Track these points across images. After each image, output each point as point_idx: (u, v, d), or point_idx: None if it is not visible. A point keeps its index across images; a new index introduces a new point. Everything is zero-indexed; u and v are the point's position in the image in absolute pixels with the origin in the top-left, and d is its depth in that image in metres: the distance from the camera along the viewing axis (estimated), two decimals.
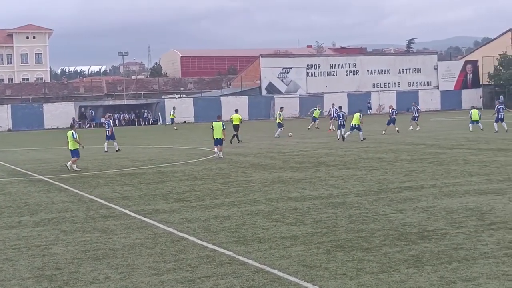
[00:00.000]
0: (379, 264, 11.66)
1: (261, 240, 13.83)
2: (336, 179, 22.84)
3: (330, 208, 17.16)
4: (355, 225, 14.99)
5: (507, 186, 19.91)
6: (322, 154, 31.64)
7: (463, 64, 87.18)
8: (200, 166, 28.32)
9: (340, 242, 13.41)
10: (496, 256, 11.90)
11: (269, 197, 19.33)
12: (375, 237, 13.73)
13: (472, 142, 35.78)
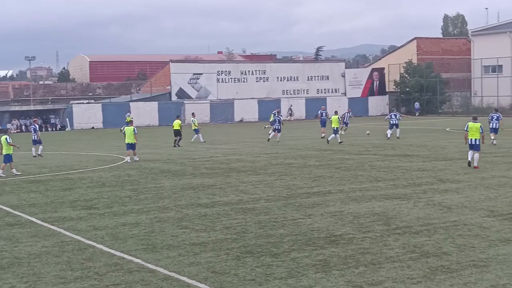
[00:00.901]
0: (287, 269, 11.76)
1: (170, 247, 13.75)
2: (246, 185, 22.93)
3: (240, 214, 17.22)
4: (264, 230, 15.09)
5: (412, 191, 20.43)
6: (233, 160, 31.72)
7: (370, 71, 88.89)
8: (109, 173, 27.94)
9: (249, 248, 13.46)
10: (401, 260, 12.18)
11: (179, 204, 19.24)
12: (284, 242, 13.85)
13: (378, 148, 36.55)
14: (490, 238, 13.73)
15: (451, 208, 17.32)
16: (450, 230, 14.60)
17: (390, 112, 46.13)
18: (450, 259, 12.13)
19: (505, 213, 16.42)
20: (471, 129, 26.25)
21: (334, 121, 41.15)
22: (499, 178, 22.80)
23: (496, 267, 11.55)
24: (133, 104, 75.22)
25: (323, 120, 47.01)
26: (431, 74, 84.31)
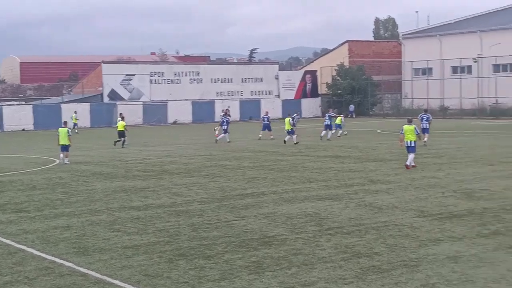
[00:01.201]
0: (220, 271, 11.75)
1: (102, 250, 13.59)
2: (179, 187, 22.83)
3: (173, 217, 17.13)
4: (198, 233, 15.05)
5: (343, 191, 20.66)
6: (166, 162, 31.54)
7: (303, 74, 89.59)
8: (40, 175, 27.44)
9: (182, 250, 13.41)
10: (333, 260, 12.30)
11: (111, 207, 19.03)
12: (218, 244, 13.84)
13: (311, 149, 36.86)
14: (420, 238, 13.98)
15: (382, 208, 17.58)
16: (381, 230, 14.82)
17: (327, 113, 46.66)
18: (381, 259, 12.31)
19: (434, 213, 16.75)
20: (407, 131, 26.79)
21: (286, 123, 41.76)
22: (429, 179, 23.25)
23: (426, 266, 11.76)
24: (64, 105, 74.06)
25: (265, 125, 46.93)
26: (362, 77, 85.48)
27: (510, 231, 14.36)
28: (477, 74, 77.55)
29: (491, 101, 74.91)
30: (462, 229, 14.75)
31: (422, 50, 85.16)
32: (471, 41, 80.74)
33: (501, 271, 11.31)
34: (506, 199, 18.62)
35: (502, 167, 26.19)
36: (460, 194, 19.75)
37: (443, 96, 79.21)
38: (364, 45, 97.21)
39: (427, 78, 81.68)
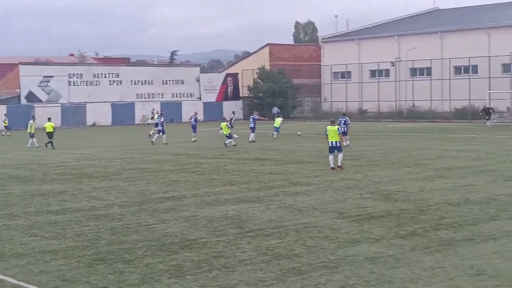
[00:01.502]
0: (140, 276, 11.65)
1: (19, 255, 13.29)
2: (98, 190, 22.52)
3: (92, 221, 16.89)
4: (117, 237, 14.88)
5: (264, 194, 20.77)
6: (85, 165, 31.07)
7: (224, 76, 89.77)
8: None
9: (101, 255, 13.23)
10: (254, 263, 12.35)
11: (28, 211, 18.62)
12: (137, 248, 13.72)
13: (232, 152, 36.93)
14: (339, 239, 14.18)
15: (302, 210, 17.75)
16: (301, 232, 14.96)
17: (251, 116, 47.17)
18: (301, 261, 12.42)
19: (353, 214, 17.00)
20: (330, 132, 27.39)
21: (224, 127, 42.01)
22: (348, 180, 23.60)
23: (345, 267, 11.93)
24: None
25: (193, 125, 47.09)
26: (283, 80, 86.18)
27: (426, 232, 14.71)
28: (394, 78, 79.20)
29: (408, 104, 76.61)
30: (380, 230, 15.03)
31: (341, 54, 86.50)
32: (389, 45, 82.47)
33: (418, 271, 11.57)
34: (422, 200, 19.06)
35: (418, 169, 26.81)
36: (377, 195, 20.12)
37: (362, 99, 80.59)
38: (284, 49, 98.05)
39: (346, 82, 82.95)
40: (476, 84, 69.29)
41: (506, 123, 64.02)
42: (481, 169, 26.34)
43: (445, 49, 77.21)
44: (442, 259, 12.35)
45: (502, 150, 34.19)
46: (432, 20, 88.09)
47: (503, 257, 12.42)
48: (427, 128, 58.23)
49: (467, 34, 76.68)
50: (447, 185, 22.02)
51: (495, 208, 17.45)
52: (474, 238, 14.06)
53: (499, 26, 75.03)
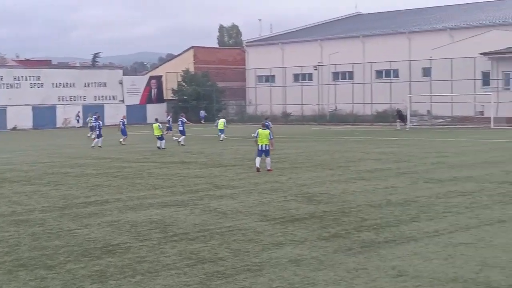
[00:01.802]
0: (63, 281, 11.46)
1: None
2: (19, 195, 22.04)
3: (13, 226, 16.51)
4: (39, 242, 14.59)
5: (189, 198, 20.70)
6: (5, 170, 30.37)
7: (148, 79, 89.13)
8: None
9: (22, 261, 12.96)
10: (178, 267, 12.29)
11: None
12: (60, 254, 13.48)
13: (157, 155, 36.69)
14: (264, 242, 14.24)
15: (227, 213, 17.76)
16: (226, 235, 14.96)
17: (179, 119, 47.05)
18: (225, 264, 12.43)
19: (277, 217, 17.10)
20: (261, 135, 27.63)
21: (155, 129, 41.57)
22: (272, 183, 23.74)
23: (269, 270, 11.98)
24: None
25: (122, 129, 46.70)
26: (207, 83, 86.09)
27: (349, 234, 14.91)
28: (317, 82, 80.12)
29: (331, 108, 77.59)
30: (304, 232, 15.16)
31: (265, 57, 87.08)
32: (312, 49, 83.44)
33: (341, 273, 11.72)
34: (344, 202, 19.32)
35: (340, 171, 27.18)
36: (301, 198, 20.30)
37: (286, 103, 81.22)
38: (209, 52, 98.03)
39: (270, 85, 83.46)
40: (397, 88, 70.71)
41: (426, 126, 65.54)
42: (401, 171, 26.88)
43: (366, 53, 78.59)
44: (364, 261, 12.55)
45: (422, 153, 34.97)
46: (354, 25, 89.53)
47: (424, 257, 12.69)
48: (349, 131, 59.09)
49: (388, 39, 78.26)
50: (368, 187, 22.38)
51: (416, 210, 17.83)
52: (396, 239, 14.33)
53: (419, 31, 76.81)
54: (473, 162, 29.79)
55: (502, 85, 67.45)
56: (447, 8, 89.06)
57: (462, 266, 12.05)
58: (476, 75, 66.13)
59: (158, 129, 41.47)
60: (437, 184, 22.73)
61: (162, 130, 41.97)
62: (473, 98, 65.76)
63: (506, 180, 23.37)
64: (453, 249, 13.29)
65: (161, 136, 41.37)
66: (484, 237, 14.36)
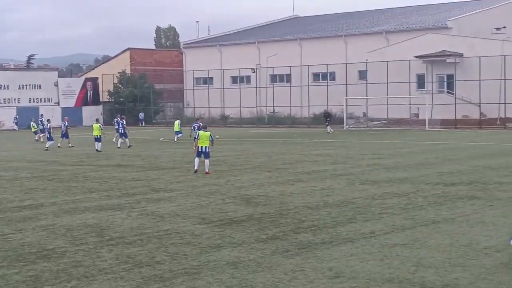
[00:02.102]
0: None
1: None
2: None
3: None
4: None
5: (125, 201, 20.49)
6: None
7: (83, 81, 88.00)
8: None
9: None
10: (114, 271, 12.14)
11: None
12: None
13: (93, 158, 36.24)
14: (202, 245, 14.18)
15: (164, 217, 17.63)
16: (163, 239, 14.85)
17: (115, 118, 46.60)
18: (163, 268, 12.33)
19: (215, 220, 17.06)
20: (202, 137, 27.68)
21: (96, 129, 41.08)
22: (210, 186, 23.68)
23: (207, 273, 11.93)
24: None
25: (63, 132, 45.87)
26: (144, 85, 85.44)
27: (286, 236, 14.96)
28: (255, 84, 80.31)
29: (269, 110, 77.88)
30: (242, 234, 15.15)
31: (203, 59, 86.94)
32: (250, 51, 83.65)
33: (278, 275, 11.74)
34: (282, 204, 19.39)
35: (278, 173, 27.29)
36: (239, 200, 20.30)
37: (224, 105, 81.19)
38: (146, 53, 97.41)
39: (208, 87, 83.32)
40: (333, 91, 71.38)
41: (362, 128, 66.36)
42: (338, 172, 27.14)
43: (304, 56, 79.19)
44: (302, 262, 12.60)
45: (359, 154, 35.37)
46: (291, 28, 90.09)
47: (360, 258, 12.82)
48: (287, 133, 59.40)
49: (325, 41, 79.00)
50: (306, 188, 22.53)
51: (352, 211, 18.01)
52: (333, 240, 14.44)
53: (356, 34, 77.77)
54: (408, 163, 30.26)
55: (437, 87, 68.77)
56: (383, 12, 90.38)
57: (398, 266, 12.21)
58: (411, 78, 67.22)
59: (98, 130, 40.94)
60: (373, 186, 23.02)
61: (102, 131, 41.47)
62: (408, 101, 66.86)
63: (440, 182, 23.80)
64: (389, 250, 13.46)
65: (99, 137, 40.87)
66: (419, 237, 14.59)
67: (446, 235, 14.82)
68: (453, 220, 16.52)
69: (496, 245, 13.73)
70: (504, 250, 13.27)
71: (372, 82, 69.14)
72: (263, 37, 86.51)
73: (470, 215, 17.18)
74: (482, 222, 16.20)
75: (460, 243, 13.96)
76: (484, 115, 63.67)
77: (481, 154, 34.30)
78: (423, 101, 63.69)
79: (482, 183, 23.26)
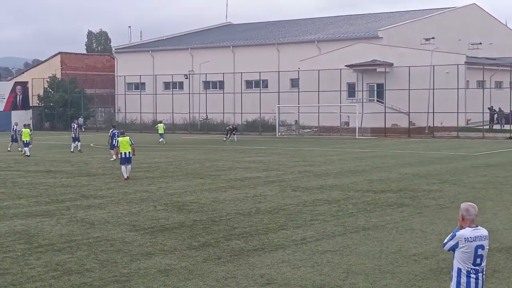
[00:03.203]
0: None
1: None
2: None
3: None
4: None
5: (55, 207, 20.15)
6: None
7: (13, 85, 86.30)
8: None
9: None
10: (43, 279, 11.92)
11: None
12: None
13: (21, 164, 35.52)
14: (132, 252, 14.04)
15: (94, 223, 17.40)
16: (93, 246, 14.65)
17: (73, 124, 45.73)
18: (93, 276, 12.16)
19: (146, 227, 16.93)
20: (122, 143, 27.61)
21: (25, 134, 40.79)
22: (142, 192, 23.48)
23: (137, 281, 11.82)
24: None
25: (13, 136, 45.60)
26: (75, 90, 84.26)
27: (219, 242, 14.95)
28: (188, 90, 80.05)
29: (202, 117, 77.73)
30: (173, 242, 15.07)
31: (135, 65, 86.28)
32: (183, 57, 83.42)
33: (210, 282, 11.71)
34: (214, 211, 19.37)
35: (211, 180, 27.25)
36: (171, 207, 20.19)
37: (156, 111, 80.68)
38: (77, 58, 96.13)
39: (140, 93, 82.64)
40: (266, 98, 71.72)
41: (294, 135, 66.85)
42: (270, 179, 27.26)
43: (237, 63, 79.36)
44: (233, 269, 12.60)
45: (290, 161, 35.60)
46: (224, 35, 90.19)
47: (291, 265, 12.89)
48: (219, 140, 59.34)
49: (258, 49, 79.33)
50: (238, 195, 22.56)
51: (284, 218, 18.11)
52: (264, 247, 14.49)
53: (288, 42, 78.35)
54: (339, 171, 30.61)
55: (367, 96, 69.75)
56: (315, 21, 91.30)
57: (328, 273, 12.33)
58: (342, 86, 68.05)
59: (28, 135, 40.53)
60: (304, 193, 23.20)
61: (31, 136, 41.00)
62: (339, 109, 67.65)
63: (370, 189, 24.14)
64: (320, 257, 13.57)
65: (29, 142, 40.29)
66: (349, 244, 14.76)
67: (376, 242, 15.04)
68: (382, 227, 16.78)
69: (425, 252, 14.00)
70: (432, 257, 13.54)
71: (304, 90, 69.70)
72: (196, 43, 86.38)
73: (399, 222, 17.47)
74: (411, 229, 16.50)
75: (389, 250, 14.18)
76: (413, 123, 64.92)
77: (410, 162, 34.93)
78: (353, 110, 64.55)
79: (411, 190, 23.69)
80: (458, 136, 59.71)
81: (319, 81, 67.69)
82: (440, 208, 19.83)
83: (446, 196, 22.21)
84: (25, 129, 41.66)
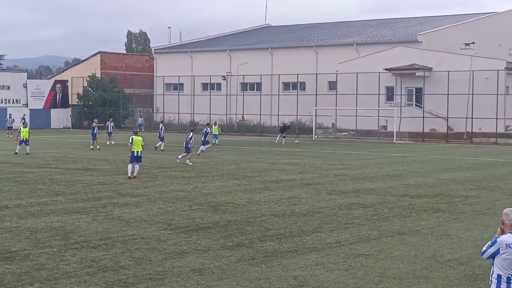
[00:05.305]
0: None
1: None
2: None
3: None
4: None
5: (91, 205, 20.35)
6: None
7: (53, 83, 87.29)
8: None
9: None
10: (78, 275, 12.05)
11: None
12: None
13: (60, 161, 35.93)
14: (167, 251, 14.13)
15: (130, 221, 17.54)
16: (128, 243, 14.77)
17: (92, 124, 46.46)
18: (127, 273, 12.26)
19: (181, 226, 17.02)
20: (136, 142, 28.21)
21: (24, 132, 40.62)
22: (177, 192, 23.61)
23: (171, 279, 11.89)
24: None
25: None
26: (114, 89, 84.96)
27: (252, 243, 14.97)
28: (226, 92, 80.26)
29: (239, 118, 77.84)
30: (208, 241, 15.13)
31: (174, 65, 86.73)
32: (221, 59, 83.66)
33: (243, 283, 11.74)
34: (249, 212, 19.40)
35: (246, 181, 27.29)
36: (206, 207, 20.26)
37: (193, 112, 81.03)
38: (116, 58, 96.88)
39: (178, 93, 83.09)
40: (303, 100, 71.58)
41: (331, 138, 66.63)
42: (306, 182, 27.21)
43: (275, 65, 79.36)
44: (267, 270, 12.61)
45: (326, 164, 35.50)
46: (263, 36, 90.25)
47: (325, 268, 12.86)
48: (256, 141, 59.40)
49: (296, 51, 79.27)
50: (273, 197, 22.55)
51: (319, 221, 18.07)
52: (298, 249, 14.47)
53: (326, 45, 78.11)
54: (375, 175, 30.45)
55: (405, 100, 69.29)
56: (354, 24, 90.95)
57: (362, 277, 12.27)
58: (380, 90, 67.67)
59: (27, 133, 40.55)
60: (340, 196, 23.12)
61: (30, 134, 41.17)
62: (376, 113, 67.26)
63: (406, 194, 23.98)
64: (353, 260, 13.52)
65: (27, 140, 40.42)
66: (384, 248, 14.68)
67: (410, 246, 14.94)
68: (418, 232, 16.66)
69: (460, 258, 13.87)
70: (468, 263, 13.41)
71: (342, 93, 69.42)
72: (235, 45, 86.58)
73: (435, 228, 17.33)
74: (446, 235, 16.35)
75: (424, 255, 14.08)
76: (451, 129, 64.29)
77: (447, 168, 34.62)
78: (391, 114, 64.12)
79: (447, 196, 23.49)
80: (497, 142, 58.97)
81: (357, 84, 67.38)
82: (477, 214, 19.63)
83: (483, 203, 21.98)
84: (24, 128, 41.57)
